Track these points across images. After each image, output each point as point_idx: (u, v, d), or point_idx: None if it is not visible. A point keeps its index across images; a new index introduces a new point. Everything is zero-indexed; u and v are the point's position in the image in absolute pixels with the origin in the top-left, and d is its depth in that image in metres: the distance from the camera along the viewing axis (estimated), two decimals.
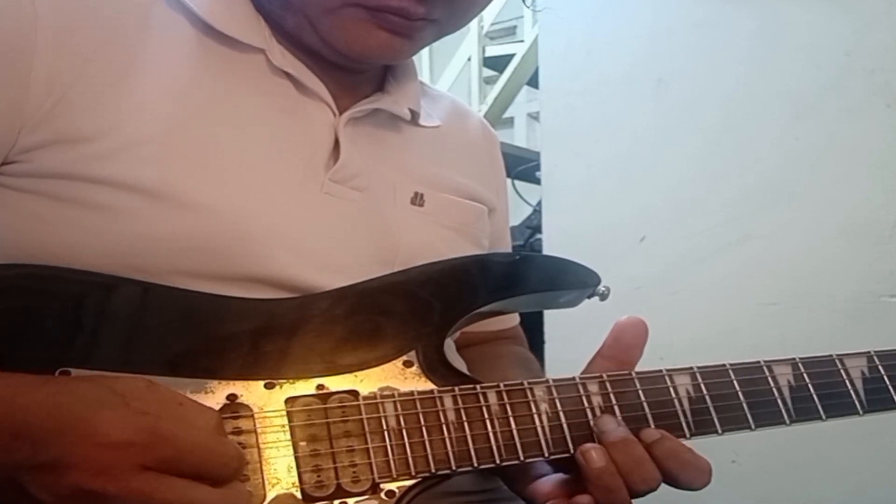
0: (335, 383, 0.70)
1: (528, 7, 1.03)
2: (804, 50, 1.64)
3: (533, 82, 2.73)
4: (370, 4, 0.75)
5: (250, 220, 0.73)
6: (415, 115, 0.89)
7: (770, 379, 0.77)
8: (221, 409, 0.66)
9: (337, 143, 0.81)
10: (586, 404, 0.73)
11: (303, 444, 0.67)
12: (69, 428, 0.56)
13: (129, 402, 0.58)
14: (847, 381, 0.78)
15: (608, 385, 0.74)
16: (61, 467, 0.56)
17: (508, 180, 2.52)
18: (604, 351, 0.77)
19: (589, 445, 0.71)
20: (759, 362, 0.77)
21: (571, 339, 1.75)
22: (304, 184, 0.78)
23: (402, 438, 0.69)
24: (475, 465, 0.70)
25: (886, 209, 1.56)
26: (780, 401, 0.76)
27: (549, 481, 0.75)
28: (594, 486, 0.70)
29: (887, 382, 0.79)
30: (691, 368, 0.76)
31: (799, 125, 1.65)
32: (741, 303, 1.69)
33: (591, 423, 0.73)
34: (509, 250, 1.12)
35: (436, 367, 0.73)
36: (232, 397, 0.67)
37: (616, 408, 0.74)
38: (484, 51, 3.12)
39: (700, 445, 0.74)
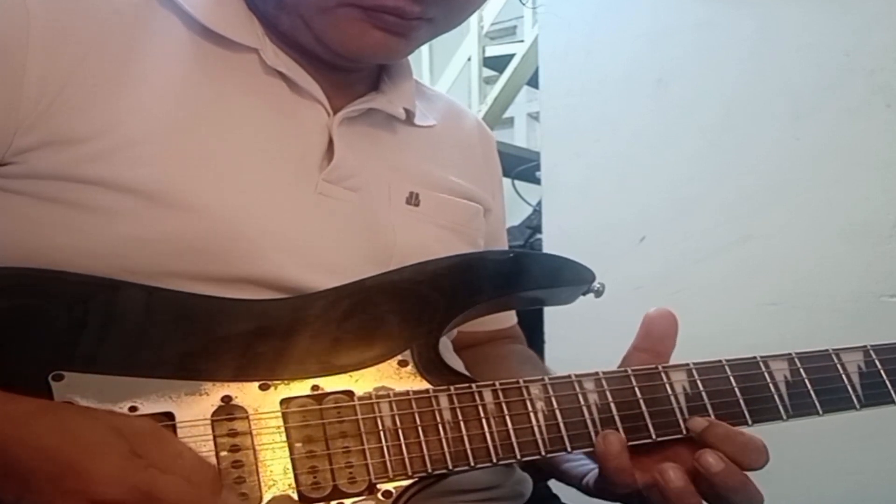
0: (330, 384, 0.70)
1: (525, 6, 1.02)
2: (804, 50, 1.64)
3: (533, 82, 2.73)
4: (365, 4, 0.75)
5: (244, 220, 0.72)
6: (410, 115, 0.89)
7: (766, 374, 0.77)
8: (216, 410, 0.66)
9: (331, 142, 0.80)
10: (582, 402, 0.73)
11: (298, 445, 0.67)
12: (62, 476, 0.55)
13: (133, 447, 0.57)
14: (843, 376, 0.78)
15: (604, 382, 0.74)
16: None
17: (508, 180, 2.53)
18: (638, 344, 0.77)
19: (668, 465, 0.71)
20: (755, 358, 0.77)
21: (571, 339, 1.76)
22: (297, 184, 0.78)
23: (399, 438, 0.68)
24: (472, 464, 0.69)
25: (886, 209, 1.55)
26: (776, 396, 0.76)
27: None
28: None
29: (884, 377, 0.79)
30: (687, 365, 0.76)
31: (799, 125, 1.64)
32: (741, 303, 1.69)
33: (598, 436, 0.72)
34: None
35: (431, 366, 0.73)
36: (227, 399, 0.66)
37: (612, 405, 0.73)
38: (484, 51, 3.12)
39: None
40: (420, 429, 0.69)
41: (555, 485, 0.89)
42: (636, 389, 0.74)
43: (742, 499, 0.71)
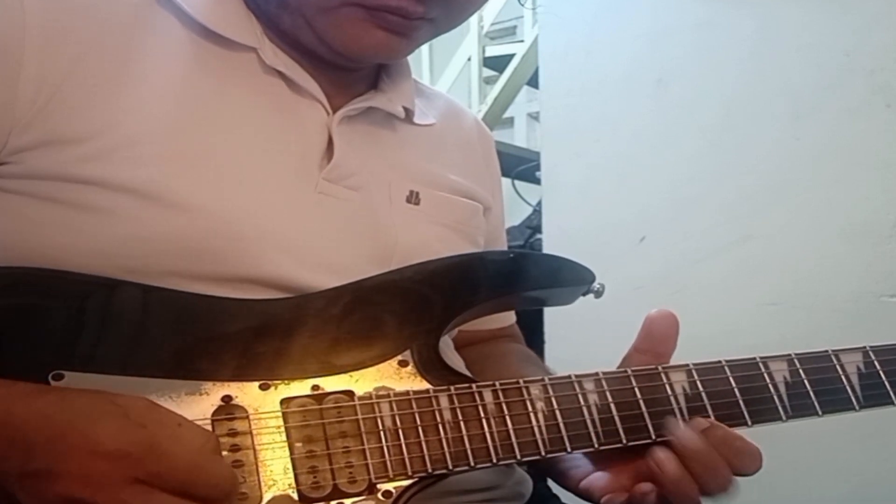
0: (330, 384, 0.70)
1: (523, 6, 1.02)
2: (804, 50, 1.64)
3: (533, 82, 2.73)
4: (368, 4, 0.75)
5: (243, 220, 0.72)
6: (409, 113, 0.89)
7: (766, 375, 0.77)
8: (216, 410, 0.66)
9: (331, 141, 0.80)
10: (582, 402, 0.73)
11: (299, 445, 0.67)
12: (63, 437, 0.56)
13: (128, 413, 0.58)
14: (843, 377, 0.78)
15: (604, 383, 0.74)
16: (51, 475, 0.55)
17: (508, 180, 2.53)
18: (638, 344, 0.78)
19: (661, 454, 0.71)
20: (754, 358, 0.77)
21: (570, 339, 1.76)
22: (297, 183, 0.78)
23: (399, 438, 0.68)
24: (472, 464, 0.69)
25: (886, 209, 1.55)
26: (776, 397, 0.76)
27: (604, 475, 0.76)
28: (668, 491, 0.71)
29: (883, 377, 0.79)
30: (687, 365, 0.76)
31: (799, 125, 1.64)
32: (741, 303, 1.69)
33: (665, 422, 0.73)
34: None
35: (431, 366, 0.73)
36: (227, 399, 0.66)
37: (612, 406, 0.74)
38: (484, 51, 3.12)
39: None
40: (420, 429, 0.69)
41: (555, 485, 0.90)
42: (636, 390, 0.74)
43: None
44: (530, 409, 0.72)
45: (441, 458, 0.69)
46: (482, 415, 0.71)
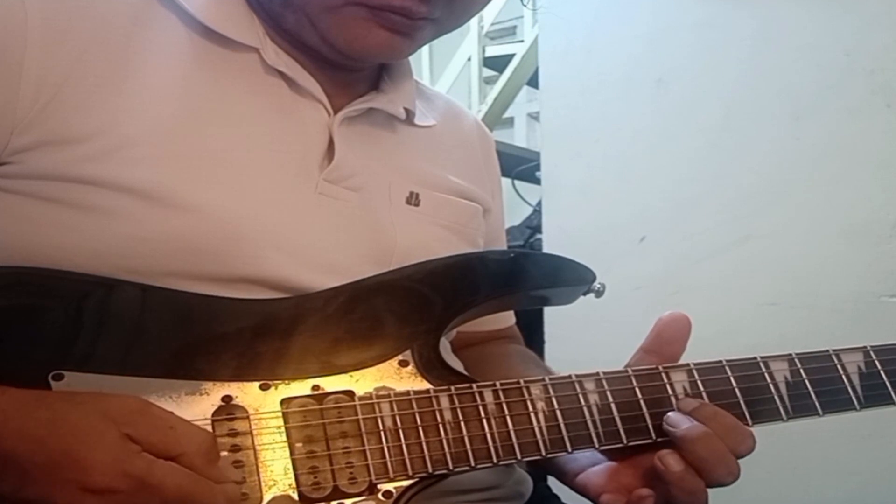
0: (331, 384, 0.70)
1: (525, 6, 1.02)
2: (804, 50, 1.64)
3: (533, 82, 2.73)
4: (372, 3, 0.75)
5: (243, 220, 0.72)
6: (410, 115, 0.89)
7: (766, 375, 0.77)
8: (217, 410, 0.66)
9: (331, 142, 0.80)
10: (583, 402, 0.73)
11: (299, 445, 0.67)
12: (56, 466, 0.56)
13: (121, 427, 0.58)
14: (843, 377, 0.78)
15: (605, 383, 0.74)
16: None
17: (508, 180, 2.52)
18: (646, 346, 0.78)
19: (665, 451, 0.71)
20: (755, 358, 0.77)
21: (571, 339, 1.75)
22: (297, 184, 0.78)
23: (399, 439, 0.69)
24: (472, 464, 0.70)
25: (886, 209, 1.55)
26: (776, 397, 0.76)
27: (602, 471, 0.76)
28: (676, 489, 0.71)
29: (884, 377, 0.79)
30: (688, 365, 0.76)
31: (799, 125, 1.64)
32: (741, 303, 1.69)
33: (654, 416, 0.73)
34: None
35: (431, 366, 0.73)
36: (227, 399, 0.66)
37: (613, 406, 0.74)
38: (484, 51, 3.12)
39: None
40: (421, 429, 0.69)
41: (555, 484, 0.90)
42: (637, 390, 0.75)
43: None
44: (531, 409, 0.72)
45: (442, 458, 0.69)
46: (483, 415, 0.71)
